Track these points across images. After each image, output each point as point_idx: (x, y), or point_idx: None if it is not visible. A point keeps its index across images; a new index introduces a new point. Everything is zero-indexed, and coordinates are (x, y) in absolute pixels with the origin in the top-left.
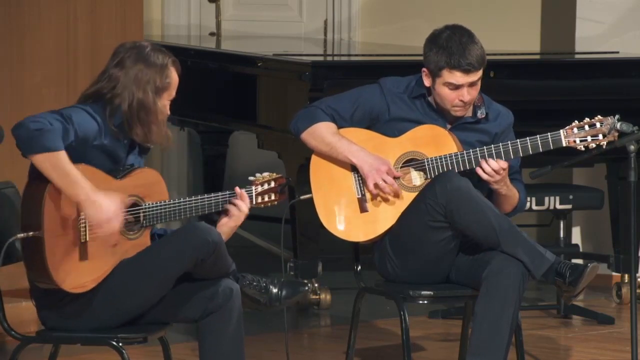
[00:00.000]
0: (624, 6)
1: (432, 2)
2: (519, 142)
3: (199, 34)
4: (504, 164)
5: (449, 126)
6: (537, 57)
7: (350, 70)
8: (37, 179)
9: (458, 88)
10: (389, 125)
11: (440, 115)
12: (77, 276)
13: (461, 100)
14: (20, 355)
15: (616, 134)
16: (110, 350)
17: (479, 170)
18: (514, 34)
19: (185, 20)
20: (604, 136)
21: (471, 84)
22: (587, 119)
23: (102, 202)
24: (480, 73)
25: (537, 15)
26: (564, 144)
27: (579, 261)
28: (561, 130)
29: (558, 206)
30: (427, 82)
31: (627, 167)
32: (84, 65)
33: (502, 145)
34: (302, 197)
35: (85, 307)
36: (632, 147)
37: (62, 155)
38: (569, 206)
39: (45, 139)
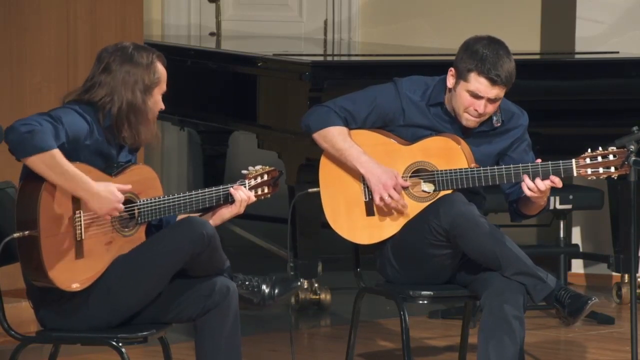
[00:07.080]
0: (624, 6)
1: (432, 2)
2: (530, 167)
3: (199, 34)
4: (550, 183)
5: (463, 135)
6: (537, 57)
7: (350, 71)
8: (32, 178)
9: (478, 98)
10: (402, 130)
11: (456, 124)
12: (74, 274)
13: (475, 110)
14: (20, 355)
15: (629, 167)
16: (110, 350)
17: (523, 185)
18: (514, 34)
19: (185, 20)
20: (616, 169)
21: (491, 100)
22: (600, 149)
23: (102, 192)
24: (503, 91)
25: (537, 15)
26: (575, 174)
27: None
28: (573, 160)
29: (558, 206)
30: (450, 82)
31: None
32: (84, 65)
33: (512, 167)
34: (310, 190)
35: (83, 304)
36: (632, 147)
37: (56, 153)
38: (569, 206)
39: (37, 140)
